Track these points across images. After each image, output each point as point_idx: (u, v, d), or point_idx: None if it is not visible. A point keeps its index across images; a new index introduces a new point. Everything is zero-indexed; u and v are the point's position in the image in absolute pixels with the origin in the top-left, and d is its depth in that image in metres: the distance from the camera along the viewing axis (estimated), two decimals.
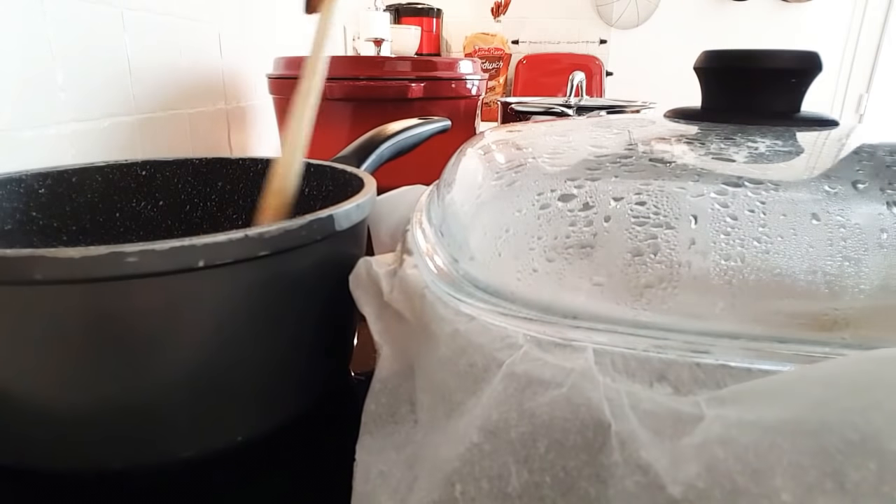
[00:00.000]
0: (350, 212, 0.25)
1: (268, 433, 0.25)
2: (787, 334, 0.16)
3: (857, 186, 0.20)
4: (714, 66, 0.27)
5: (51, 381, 0.21)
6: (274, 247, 0.21)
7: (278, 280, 0.23)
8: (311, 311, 0.26)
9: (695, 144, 0.25)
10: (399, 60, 0.62)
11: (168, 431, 0.22)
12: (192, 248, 0.19)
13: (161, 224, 0.38)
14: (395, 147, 0.40)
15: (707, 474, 0.12)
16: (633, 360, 0.15)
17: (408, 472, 0.18)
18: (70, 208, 0.35)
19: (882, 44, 2.04)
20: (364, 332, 0.23)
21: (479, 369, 0.17)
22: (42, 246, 0.31)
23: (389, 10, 1.62)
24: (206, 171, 0.39)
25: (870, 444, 0.12)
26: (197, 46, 0.62)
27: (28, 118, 0.40)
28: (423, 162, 0.41)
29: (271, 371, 0.24)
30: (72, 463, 0.22)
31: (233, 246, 0.20)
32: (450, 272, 0.20)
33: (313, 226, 0.23)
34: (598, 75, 1.99)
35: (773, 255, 0.17)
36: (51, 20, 0.42)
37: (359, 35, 1.13)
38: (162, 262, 0.19)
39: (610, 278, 0.18)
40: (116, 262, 0.18)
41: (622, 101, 0.80)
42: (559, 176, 0.23)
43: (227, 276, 0.21)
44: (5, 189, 0.32)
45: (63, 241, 0.35)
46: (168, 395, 0.22)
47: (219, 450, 0.24)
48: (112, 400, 0.21)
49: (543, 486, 0.14)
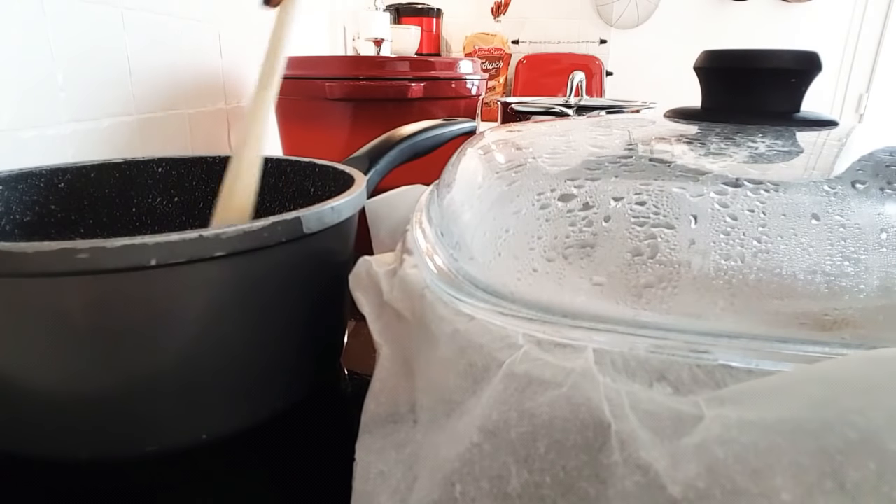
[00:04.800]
0: (322, 214, 0.25)
1: (237, 432, 0.25)
2: (787, 334, 0.15)
3: (857, 186, 0.20)
4: (714, 66, 0.27)
5: (13, 372, 0.21)
6: (231, 247, 0.21)
7: (244, 280, 0.23)
8: (288, 310, 0.26)
9: (695, 144, 0.25)
10: (399, 60, 0.62)
11: (132, 426, 0.23)
12: (143, 246, 0.19)
13: (175, 219, 0.39)
14: (412, 149, 0.39)
15: (707, 474, 0.12)
16: (633, 360, 0.15)
17: (408, 471, 0.18)
18: (88, 202, 0.36)
19: (882, 44, 2.04)
20: (363, 331, 0.23)
21: (479, 369, 0.17)
22: (59, 238, 0.32)
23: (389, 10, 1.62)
24: (220, 168, 0.39)
25: (870, 444, 0.12)
26: (197, 46, 0.62)
27: (28, 118, 0.40)
28: (423, 162, 0.41)
29: (245, 369, 0.24)
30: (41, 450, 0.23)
31: (186, 245, 0.20)
32: (450, 272, 0.20)
33: (277, 227, 0.23)
34: (598, 75, 1.99)
35: (773, 255, 0.17)
36: (51, 20, 0.42)
37: (359, 35, 1.13)
38: (114, 260, 0.19)
39: (610, 278, 0.18)
40: (68, 259, 0.19)
41: (622, 101, 0.80)
42: (559, 176, 0.23)
43: (183, 276, 0.21)
44: (26, 183, 0.33)
45: (80, 234, 0.36)
46: (129, 390, 0.22)
47: (184, 446, 0.24)
48: (73, 393, 0.22)
49: (543, 486, 0.14)
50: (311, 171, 0.37)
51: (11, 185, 0.32)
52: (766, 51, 0.26)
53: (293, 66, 0.62)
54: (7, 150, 0.38)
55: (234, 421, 0.25)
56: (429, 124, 0.41)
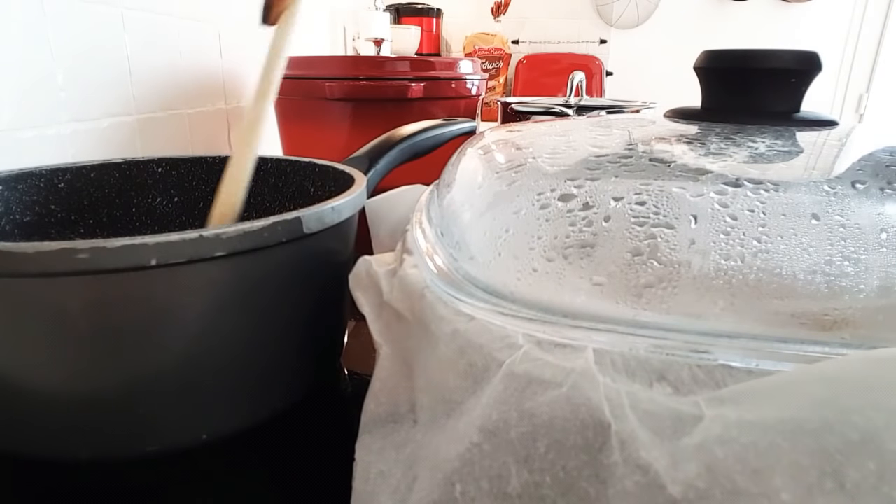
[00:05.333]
0: (323, 214, 0.25)
1: (237, 432, 0.25)
2: (787, 334, 0.15)
3: (857, 186, 0.20)
4: (714, 66, 0.27)
5: (14, 372, 0.21)
6: (232, 247, 0.21)
7: (244, 280, 0.23)
8: (289, 310, 0.26)
9: (695, 144, 0.25)
10: (399, 60, 0.62)
11: (133, 426, 0.23)
12: (143, 246, 0.19)
13: (175, 219, 0.39)
14: (412, 149, 0.39)
15: (707, 474, 0.12)
16: (633, 360, 0.15)
17: (407, 471, 0.18)
18: (88, 202, 0.36)
19: (882, 44, 2.04)
20: (363, 331, 0.23)
21: (479, 369, 0.17)
22: (59, 238, 0.32)
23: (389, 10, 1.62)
24: (220, 168, 0.40)
25: (870, 443, 0.12)
26: (197, 46, 0.62)
27: (28, 118, 0.40)
28: (423, 162, 0.41)
29: (245, 369, 0.25)
30: (42, 450, 0.23)
31: (187, 245, 0.20)
32: (450, 272, 0.20)
33: (277, 227, 0.23)
34: (598, 75, 1.99)
35: (774, 255, 0.17)
36: (51, 20, 0.42)
37: (359, 35, 1.13)
38: (114, 260, 0.19)
39: (610, 278, 0.18)
40: (68, 259, 0.19)
41: (622, 101, 0.80)
42: (559, 176, 0.23)
43: (183, 276, 0.21)
44: (26, 183, 0.33)
45: (80, 234, 0.36)
46: (129, 390, 0.22)
47: (184, 446, 0.24)
48: (74, 393, 0.22)
49: (543, 486, 0.14)
50: (311, 171, 0.37)
51: (11, 185, 0.32)
52: (766, 51, 0.26)
53: (293, 66, 0.62)
54: (7, 150, 0.38)
55: (234, 421, 0.25)
56: (429, 124, 0.41)
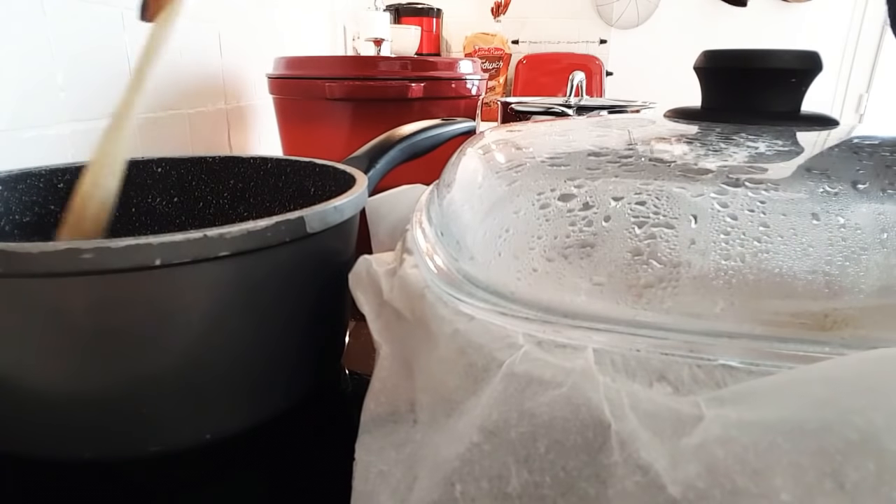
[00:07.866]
0: (325, 213, 0.25)
1: (239, 432, 0.25)
2: (787, 334, 0.15)
3: (857, 186, 0.20)
4: (714, 66, 0.27)
5: (18, 372, 0.21)
6: (235, 247, 0.21)
7: (247, 280, 0.23)
8: (291, 310, 0.26)
9: (695, 144, 0.25)
10: (399, 60, 0.62)
11: (136, 426, 0.23)
12: (147, 246, 0.19)
13: (175, 220, 0.39)
14: (411, 149, 0.39)
15: (707, 474, 0.12)
16: (633, 360, 0.15)
17: (408, 471, 0.18)
18: None
19: (882, 44, 2.04)
20: (363, 331, 0.23)
21: (479, 369, 0.17)
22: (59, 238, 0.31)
23: (389, 10, 1.62)
24: (219, 169, 0.40)
25: (870, 444, 0.12)
26: (197, 46, 0.62)
27: (28, 118, 0.40)
28: (423, 162, 0.41)
29: (248, 369, 0.24)
30: (45, 450, 0.23)
31: (191, 245, 0.20)
32: (450, 272, 0.20)
33: (280, 227, 0.23)
34: (598, 75, 1.99)
35: (773, 255, 0.17)
36: (51, 20, 0.42)
37: (359, 35, 1.13)
38: (118, 260, 0.19)
39: (610, 278, 0.18)
40: (72, 259, 0.19)
41: (622, 101, 0.80)
42: (559, 176, 0.23)
43: (187, 276, 0.21)
44: (25, 183, 0.33)
45: None
46: (133, 390, 0.22)
47: (187, 446, 0.24)
48: (77, 393, 0.22)
49: (543, 486, 0.14)
50: (311, 171, 0.37)
51: (11, 185, 0.32)
52: (766, 51, 0.26)
53: (293, 66, 0.62)
54: (7, 150, 0.38)
55: (236, 421, 0.25)
56: (428, 124, 0.41)
